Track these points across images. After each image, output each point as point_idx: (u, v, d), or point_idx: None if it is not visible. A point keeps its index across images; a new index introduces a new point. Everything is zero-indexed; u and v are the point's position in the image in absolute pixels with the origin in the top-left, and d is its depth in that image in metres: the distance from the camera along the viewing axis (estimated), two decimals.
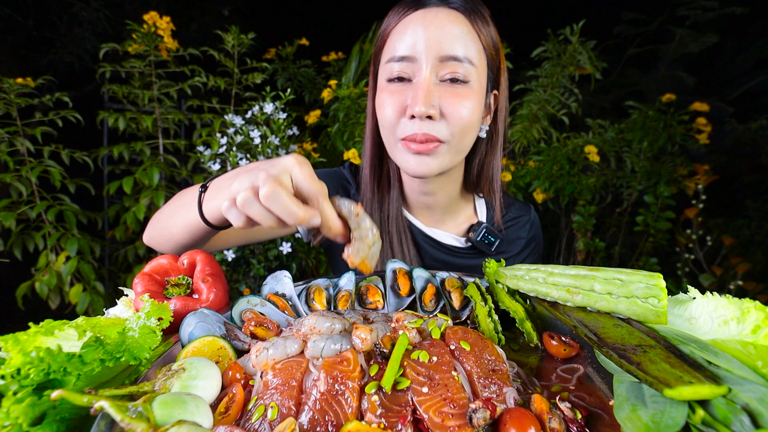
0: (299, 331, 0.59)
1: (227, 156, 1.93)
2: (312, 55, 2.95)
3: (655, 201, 2.44)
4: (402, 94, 0.83)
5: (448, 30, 0.79)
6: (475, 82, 0.83)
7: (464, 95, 0.81)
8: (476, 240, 1.01)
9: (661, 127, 2.43)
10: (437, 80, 0.81)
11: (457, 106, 0.81)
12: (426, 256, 1.04)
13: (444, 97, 0.81)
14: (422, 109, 0.78)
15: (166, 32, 2.24)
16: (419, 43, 0.80)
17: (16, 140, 2.08)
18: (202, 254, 0.77)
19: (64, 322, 0.53)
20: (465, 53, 0.80)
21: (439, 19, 0.79)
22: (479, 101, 0.85)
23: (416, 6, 0.82)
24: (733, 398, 0.39)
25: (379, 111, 0.88)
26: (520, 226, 1.08)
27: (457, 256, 1.04)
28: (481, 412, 0.41)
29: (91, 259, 2.10)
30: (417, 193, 1.00)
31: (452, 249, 1.04)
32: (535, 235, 1.12)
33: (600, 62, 2.32)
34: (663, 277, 0.55)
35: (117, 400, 0.41)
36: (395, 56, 0.82)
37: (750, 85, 3.55)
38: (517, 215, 1.09)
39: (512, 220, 1.08)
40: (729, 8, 3.28)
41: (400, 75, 0.83)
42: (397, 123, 0.85)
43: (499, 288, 0.70)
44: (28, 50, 3.56)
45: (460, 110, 0.81)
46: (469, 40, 0.81)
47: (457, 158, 0.89)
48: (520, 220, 1.08)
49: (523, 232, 1.08)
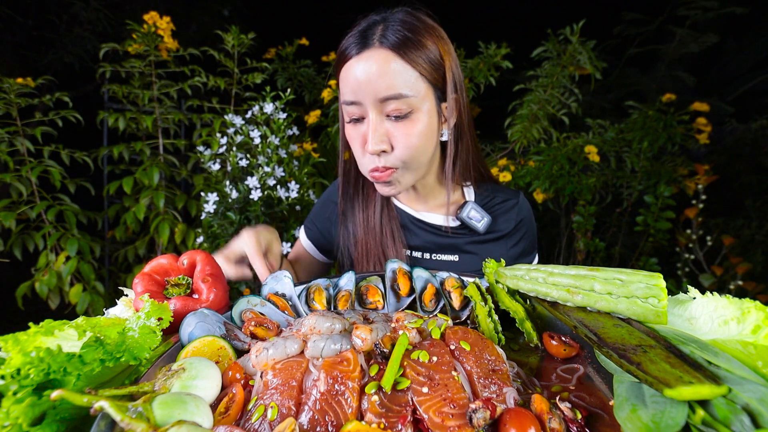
0: (299, 331, 0.59)
1: (227, 156, 1.92)
2: (312, 55, 2.95)
3: (655, 201, 2.44)
4: (359, 131, 0.93)
5: (381, 73, 0.84)
6: (419, 109, 0.89)
7: (410, 126, 0.89)
8: (463, 217, 1.06)
9: (661, 127, 2.43)
10: (383, 117, 0.89)
11: (405, 138, 0.89)
12: (415, 239, 1.10)
13: (391, 133, 0.89)
14: (374, 148, 0.88)
15: (166, 32, 2.24)
16: (358, 91, 0.87)
17: (16, 140, 2.08)
18: (202, 254, 0.77)
19: (64, 322, 0.53)
20: (399, 90, 0.85)
21: (369, 64, 0.85)
22: (428, 122, 0.91)
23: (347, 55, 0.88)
24: (733, 398, 0.39)
25: (351, 145, 0.98)
26: (509, 208, 1.13)
27: (447, 236, 1.09)
28: (481, 412, 0.41)
29: (91, 259, 2.10)
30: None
31: (441, 228, 1.09)
32: (525, 219, 1.14)
33: (600, 62, 2.31)
34: (663, 277, 0.55)
35: (117, 400, 0.41)
36: (345, 101, 0.91)
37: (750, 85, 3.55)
38: (505, 198, 1.14)
39: (500, 204, 1.13)
40: (729, 8, 3.28)
41: (353, 117, 0.92)
42: (362, 157, 0.95)
43: (499, 288, 0.70)
44: (28, 50, 3.55)
45: (408, 140, 0.89)
46: (405, 74, 0.86)
47: (419, 173, 0.98)
48: (507, 203, 1.13)
49: (512, 213, 1.12)
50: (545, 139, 2.46)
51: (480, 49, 2.48)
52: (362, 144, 0.92)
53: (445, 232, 1.09)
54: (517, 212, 1.13)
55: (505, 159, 2.49)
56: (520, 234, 1.13)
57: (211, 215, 1.83)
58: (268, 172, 1.84)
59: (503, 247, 1.11)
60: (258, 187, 1.78)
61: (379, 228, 1.09)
